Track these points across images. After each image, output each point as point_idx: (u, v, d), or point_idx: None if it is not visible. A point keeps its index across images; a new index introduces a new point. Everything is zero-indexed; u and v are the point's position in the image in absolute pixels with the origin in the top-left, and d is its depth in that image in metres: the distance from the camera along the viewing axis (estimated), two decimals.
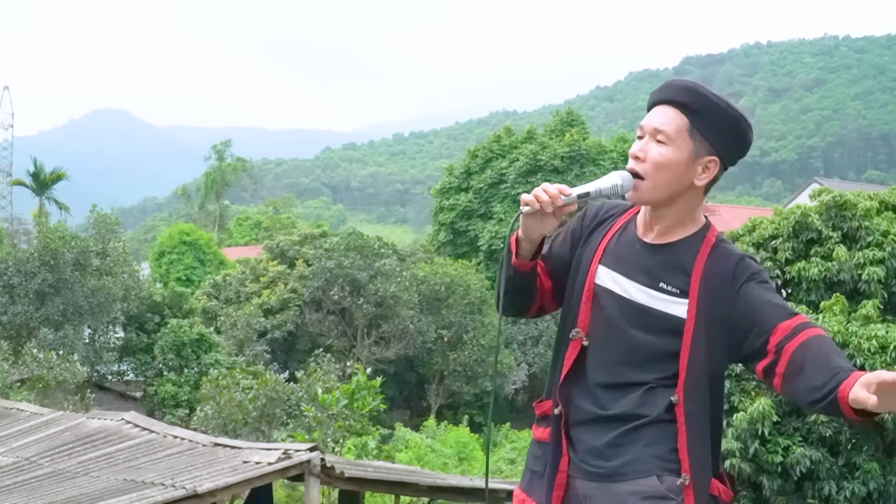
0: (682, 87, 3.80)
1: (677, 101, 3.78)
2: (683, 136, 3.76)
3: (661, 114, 3.80)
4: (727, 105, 3.80)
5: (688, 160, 3.77)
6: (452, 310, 45.81)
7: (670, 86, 3.84)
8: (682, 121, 3.76)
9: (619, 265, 3.87)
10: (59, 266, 38.13)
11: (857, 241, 18.72)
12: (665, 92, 3.83)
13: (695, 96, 3.77)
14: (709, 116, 3.77)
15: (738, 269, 3.79)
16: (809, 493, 17.18)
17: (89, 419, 19.62)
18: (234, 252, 73.01)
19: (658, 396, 3.76)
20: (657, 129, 3.77)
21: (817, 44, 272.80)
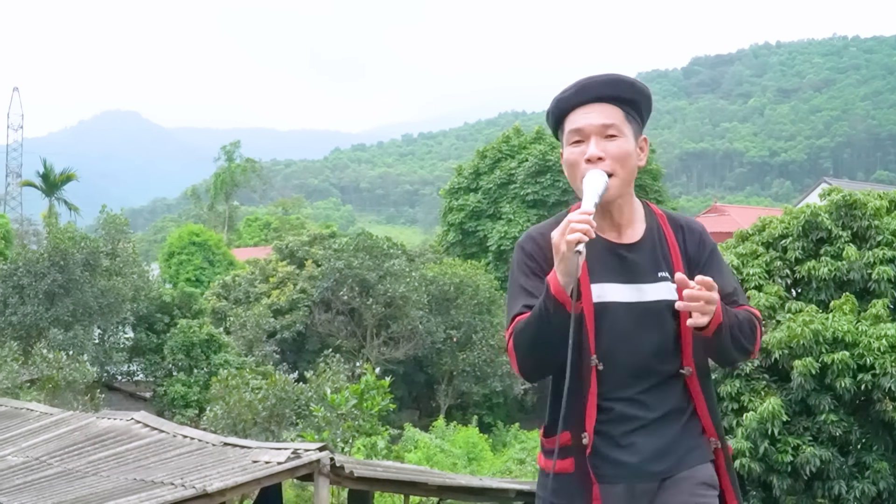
0: (608, 82, 3.88)
1: (607, 95, 3.86)
2: (625, 125, 3.86)
3: (598, 111, 3.84)
4: (641, 84, 3.95)
5: (634, 146, 3.88)
6: (461, 310, 45.80)
7: (593, 84, 3.88)
8: (618, 111, 3.86)
9: (615, 276, 3.86)
10: (68, 266, 38.19)
11: (867, 240, 18.71)
12: (591, 91, 3.87)
13: (623, 86, 3.88)
14: (635, 99, 3.91)
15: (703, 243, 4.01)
16: (819, 492, 17.16)
17: (99, 419, 19.64)
18: (244, 253, 73.05)
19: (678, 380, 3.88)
20: (605, 125, 3.82)
21: (826, 44, 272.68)
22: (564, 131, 3.91)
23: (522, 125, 65.87)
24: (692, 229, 4.03)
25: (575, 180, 3.87)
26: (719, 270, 3.93)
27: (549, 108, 3.97)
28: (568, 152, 3.87)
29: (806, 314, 17.30)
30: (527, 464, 33.72)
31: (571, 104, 3.88)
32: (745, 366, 17.75)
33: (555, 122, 3.98)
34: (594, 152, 3.78)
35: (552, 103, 3.95)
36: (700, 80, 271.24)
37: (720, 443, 3.90)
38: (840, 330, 16.86)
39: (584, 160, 3.80)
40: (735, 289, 3.96)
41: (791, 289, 19.04)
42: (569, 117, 3.89)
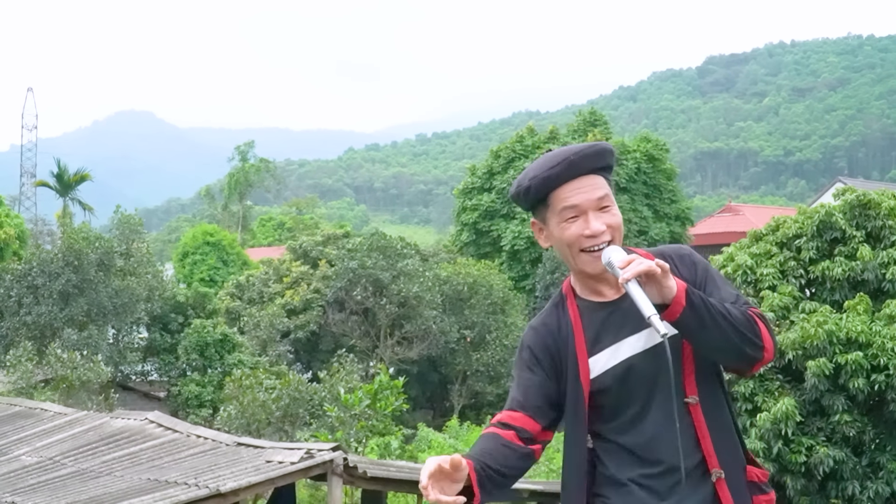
0: (596, 154, 3.82)
1: (599, 167, 3.83)
2: (610, 193, 3.85)
3: (590, 185, 3.80)
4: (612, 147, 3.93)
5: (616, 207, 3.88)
6: (475, 310, 45.78)
7: (581, 159, 3.79)
8: (604, 180, 3.84)
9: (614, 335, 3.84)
10: (83, 266, 38.25)
11: (881, 240, 18.66)
12: (580, 167, 3.79)
13: (607, 156, 3.86)
14: (612, 165, 3.89)
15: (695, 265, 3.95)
16: (833, 493, 17.14)
17: (113, 419, 19.69)
18: (258, 252, 73.17)
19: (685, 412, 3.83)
20: (600, 199, 3.79)
21: (841, 43, 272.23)
22: (552, 208, 3.84)
23: (536, 125, 65.82)
24: (681, 255, 3.98)
25: (572, 254, 3.84)
26: (716, 286, 3.90)
27: (529, 185, 3.84)
28: (563, 229, 3.81)
29: (820, 314, 17.27)
30: (540, 463, 33.67)
31: (561, 180, 3.79)
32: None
33: (536, 199, 3.87)
34: (598, 227, 3.76)
35: (533, 181, 3.83)
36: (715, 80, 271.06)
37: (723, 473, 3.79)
38: (854, 330, 16.82)
39: (586, 236, 3.76)
40: (737, 296, 3.89)
41: (805, 289, 19.00)
42: (556, 194, 3.81)
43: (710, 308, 3.64)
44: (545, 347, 3.91)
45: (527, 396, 3.90)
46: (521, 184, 3.87)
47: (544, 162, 3.82)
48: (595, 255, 3.76)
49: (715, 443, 3.80)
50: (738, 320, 3.69)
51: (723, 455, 3.82)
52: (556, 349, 3.89)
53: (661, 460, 3.77)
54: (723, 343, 3.70)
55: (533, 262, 53.36)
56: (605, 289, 3.86)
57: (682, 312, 3.60)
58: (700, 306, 3.62)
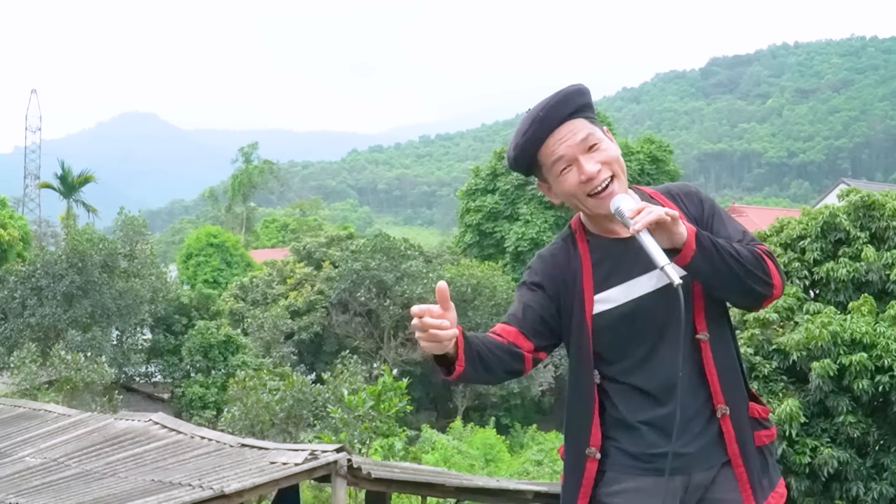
0: (561, 101, 3.83)
1: (566, 114, 3.82)
2: (595, 129, 3.86)
3: (570, 130, 3.81)
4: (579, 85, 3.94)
5: (609, 141, 3.90)
6: (479, 311, 45.77)
7: (549, 111, 3.82)
8: (583, 121, 3.84)
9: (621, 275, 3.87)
10: (86, 268, 38.29)
11: (885, 241, 18.65)
12: (551, 119, 3.81)
13: (573, 97, 3.85)
14: (586, 103, 3.89)
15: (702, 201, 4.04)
16: (837, 494, 17.13)
17: (117, 420, 19.68)
18: (261, 254, 73.17)
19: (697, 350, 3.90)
20: (583, 140, 3.80)
21: (844, 44, 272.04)
22: (544, 166, 3.87)
23: None
24: (688, 193, 4.05)
25: (581, 203, 3.87)
26: (723, 223, 3.98)
27: (514, 154, 3.90)
28: (563, 182, 3.84)
29: (824, 315, 17.26)
30: (544, 465, 33.69)
31: (539, 139, 3.82)
32: (763, 367, 17.73)
33: (527, 163, 3.92)
34: (590, 168, 3.78)
35: (516, 150, 3.89)
36: (718, 81, 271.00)
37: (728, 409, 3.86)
38: (858, 331, 16.81)
39: (583, 181, 3.79)
40: (744, 233, 3.96)
41: (809, 290, 19.00)
42: (542, 151, 3.84)
43: (720, 250, 3.69)
44: (551, 277, 3.95)
45: (524, 314, 3.92)
46: (508, 155, 3.94)
47: (520, 127, 3.87)
48: (601, 195, 3.79)
49: (721, 380, 3.87)
50: (748, 259, 3.75)
51: (728, 392, 3.89)
52: (562, 280, 3.93)
53: (672, 400, 3.80)
54: (734, 283, 3.75)
55: None
56: (617, 227, 3.88)
57: (693, 257, 3.64)
58: (710, 249, 3.67)
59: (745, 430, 3.92)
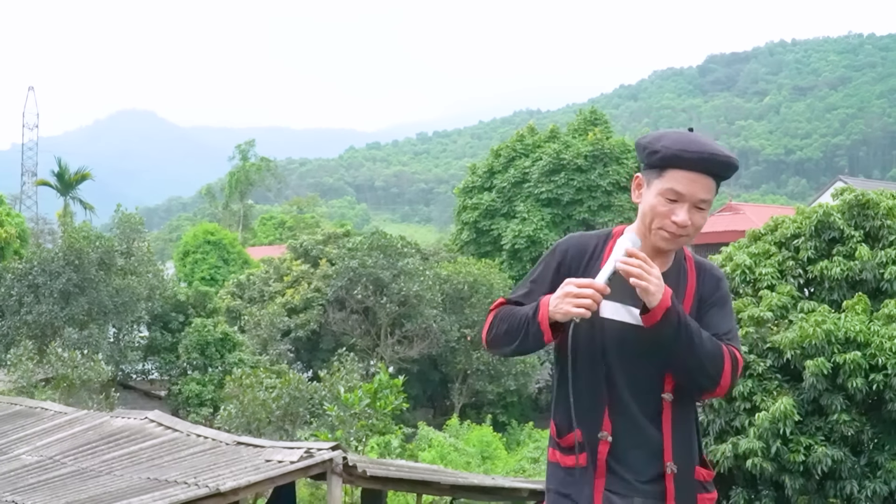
0: (726, 164, 4.03)
1: (715, 173, 4.03)
2: (712, 199, 4.10)
3: (703, 185, 4.01)
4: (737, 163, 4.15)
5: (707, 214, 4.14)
6: (476, 309, 45.82)
7: (714, 161, 3.99)
8: (714, 186, 4.07)
9: (625, 297, 4.05)
10: (83, 266, 38.26)
11: (879, 240, 18.67)
12: (710, 166, 3.99)
13: (731, 169, 4.07)
14: (727, 177, 4.13)
15: (719, 287, 4.27)
16: (831, 492, 17.15)
17: (113, 418, 19.70)
18: (259, 251, 73.16)
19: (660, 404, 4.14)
20: (702, 200, 4.02)
21: (842, 42, 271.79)
22: (663, 179, 4.02)
23: (537, 124, 65.93)
24: (713, 274, 4.28)
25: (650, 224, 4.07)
26: (722, 309, 4.21)
27: (658, 150, 4.04)
28: (659, 202, 4.02)
29: (818, 314, 17.29)
30: (540, 462, 33.68)
31: (686, 165, 3.98)
32: (757, 366, 17.76)
33: (656, 164, 4.05)
34: (685, 220, 4.01)
35: (665, 151, 4.02)
36: (715, 78, 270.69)
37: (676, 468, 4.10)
38: (852, 330, 16.84)
39: (672, 221, 4.01)
40: (731, 330, 4.17)
41: (803, 288, 19.02)
42: (674, 173, 4.00)
43: (684, 331, 3.92)
44: (576, 258, 4.21)
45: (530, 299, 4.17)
46: (652, 144, 4.07)
47: (684, 142, 4.02)
48: (666, 238, 4.05)
49: (674, 440, 4.10)
50: (707, 352, 3.97)
51: (679, 452, 4.11)
52: (577, 267, 4.16)
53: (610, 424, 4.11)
54: (682, 365, 3.98)
55: (533, 261, 53.20)
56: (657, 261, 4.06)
57: (655, 325, 3.88)
58: (674, 325, 3.90)
59: (688, 491, 4.14)
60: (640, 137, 4.16)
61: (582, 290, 3.82)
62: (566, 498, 4.15)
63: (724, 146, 4.13)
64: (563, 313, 3.86)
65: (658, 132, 4.12)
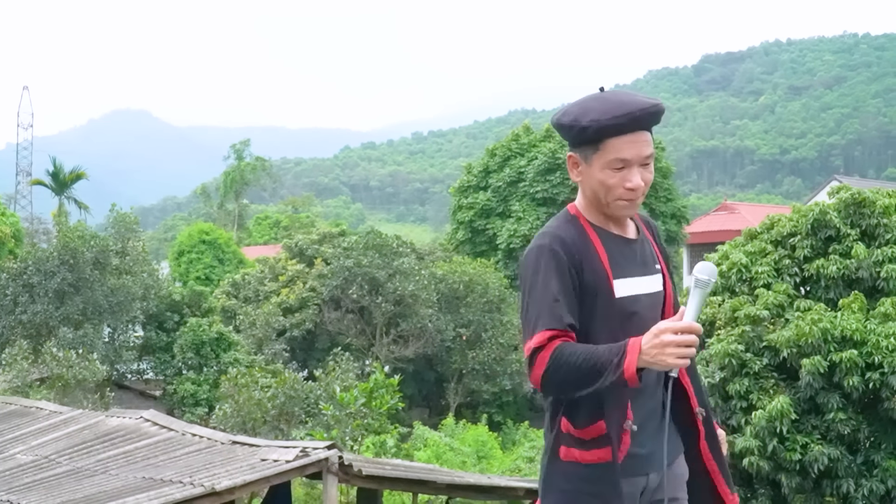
0: (656, 113, 3.95)
1: (653, 123, 3.98)
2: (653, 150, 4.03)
3: (643, 141, 3.93)
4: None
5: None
6: (471, 308, 45.79)
7: (644, 116, 3.90)
8: (650, 137, 4.00)
9: (633, 269, 4.04)
10: (78, 265, 38.21)
11: (875, 238, 18.70)
12: (641, 123, 3.91)
13: (661, 115, 4.00)
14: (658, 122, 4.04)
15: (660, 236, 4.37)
16: (828, 490, 17.15)
17: (108, 417, 19.68)
18: (254, 251, 73.11)
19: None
20: (647, 155, 3.95)
21: (837, 41, 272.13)
22: (602, 152, 3.91)
23: (532, 123, 65.83)
24: (654, 225, 4.37)
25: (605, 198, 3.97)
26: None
27: (587, 126, 3.89)
28: (606, 175, 3.91)
29: (814, 312, 17.30)
30: (536, 462, 33.66)
31: (620, 131, 3.88)
32: (753, 364, 17.76)
33: (588, 140, 3.93)
34: (639, 183, 3.93)
35: (593, 124, 3.89)
36: (711, 78, 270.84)
37: (704, 412, 4.17)
38: (848, 328, 16.85)
39: (627, 188, 3.92)
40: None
41: (800, 287, 19.04)
42: (611, 142, 3.89)
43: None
44: (571, 255, 3.96)
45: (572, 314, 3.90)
46: (577, 121, 3.94)
47: (607, 108, 3.90)
48: (626, 204, 3.95)
49: (694, 388, 4.17)
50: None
51: (700, 398, 4.18)
52: (578, 261, 3.96)
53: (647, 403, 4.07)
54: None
55: None
56: (613, 224, 4.09)
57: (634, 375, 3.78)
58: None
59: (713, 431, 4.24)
60: (558, 116, 4.04)
61: (685, 338, 3.62)
62: (595, 497, 3.95)
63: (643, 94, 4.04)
64: (665, 365, 3.66)
65: (574, 107, 3.99)
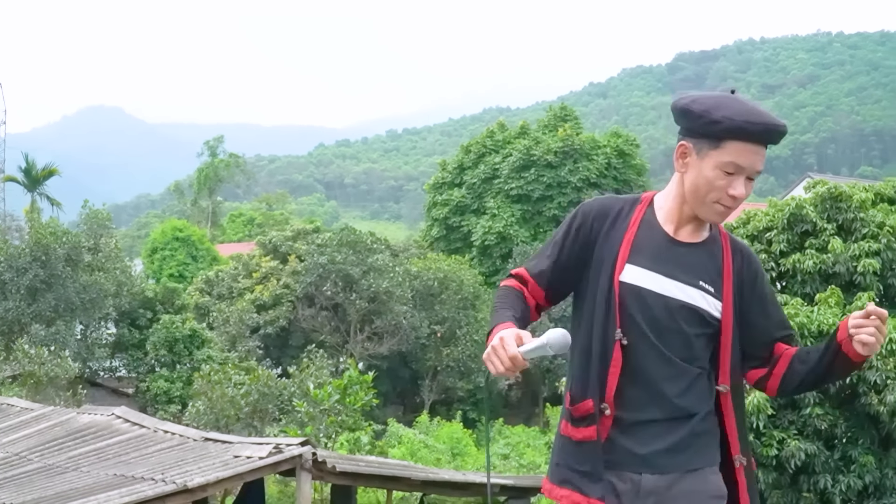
0: (784, 134, 3.92)
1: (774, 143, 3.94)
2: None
3: (761, 157, 3.88)
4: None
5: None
6: (446, 305, 45.76)
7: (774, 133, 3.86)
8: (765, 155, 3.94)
9: (656, 264, 3.94)
10: (50, 262, 38.00)
11: (852, 232, 18.67)
12: (769, 137, 3.86)
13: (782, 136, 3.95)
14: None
15: (758, 273, 4.12)
16: (805, 486, 17.08)
17: (80, 414, 19.55)
18: (228, 248, 72.88)
19: (706, 387, 3.98)
20: (758, 171, 3.90)
21: (811, 40, 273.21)
22: (721, 151, 3.85)
23: (507, 121, 65.90)
24: (751, 258, 4.14)
25: (702, 197, 3.92)
26: (775, 301, 4.15)
27: (719, 121, 3.83)
28: (716, 175, 3.85)
29: (791, 307, 17.22)
30: (511, 459, 33.67)
31: (748, 137, 3.81)
32: None
33: (712, 134, 3.87)
34: (743, 194, 3.87)
35: (727, 121, 3.82)
36: (684, 76, 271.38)
37: (745, 461, 4.03)
38: (825, 323, 16.79)
39: (729, 195, 3.87)
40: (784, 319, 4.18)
41: (776, 282, 18.98)
42: (735, 144, 3.82)
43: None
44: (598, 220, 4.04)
45: (552, 269, 4.07)
46: (709, 112, 3.88)
47: (744, 110, 3.85)
48: (724, 211, 3.92)
49: (740, 433, 4.03)
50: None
51: (743, 446, 4.04)
52: (598, 230, 4.03)
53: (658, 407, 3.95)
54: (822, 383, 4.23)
55: (503, 258, 53.39)
56: (685, 230, 4.02)
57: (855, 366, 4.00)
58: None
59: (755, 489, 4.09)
60: (686, 101, 4.00)
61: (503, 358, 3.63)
62: (577, 473, 3.97)
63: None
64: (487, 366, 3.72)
65: (706, 98, 3.95)
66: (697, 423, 3.91)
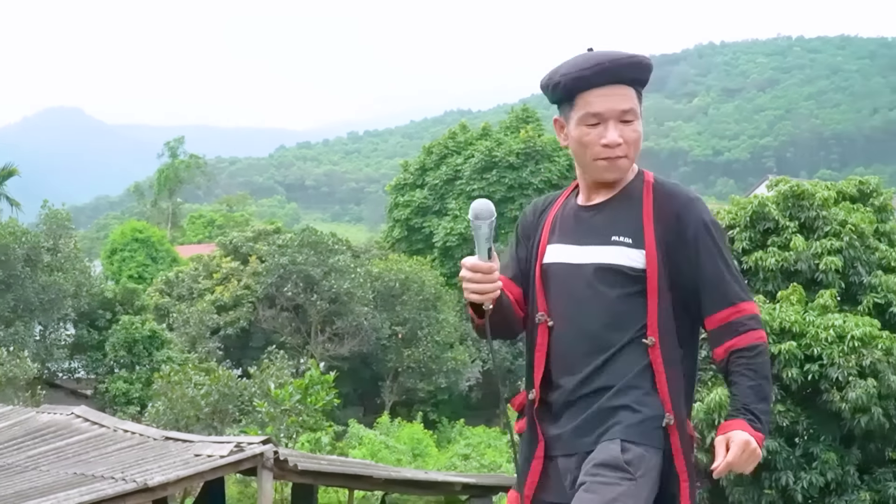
0: (631, 65, 3.81)
1: (632, 78, 3.82)
2: (637, 107, 3.84)
3: (619, 95, 3.78)
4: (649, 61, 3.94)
5: (640, 124, 3.86)
6: (407, 306, 45.70)
7: (615, 67, 3.77)
8: (634, 93, 3.83)
9: (566, 237, 3.88)
10: (9, 262, 37.73)
11: (814, 230, 18.76)
12: (612, 74, 3.78)
13: (644, 69, 3.86)
14: (646, 79, 3.90)
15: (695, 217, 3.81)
16: (767, 483, 17.14)
17: (39, 414, 19.42)
18: (188, 250, 72.52)
19: (636, 354, 3.76)
20: (624, 111, 3.78)
21: (771, 44, 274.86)
22: (576, 109, 3.84)
23: (469, 124, 65.86)
24: (683, 201, 3.85)
25: (584, 159, 3.86)
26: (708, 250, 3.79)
27: (559, 81, 3.86)
28: (582, 132, 3.82)
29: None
30: (471, 459, 33.66)
31: (590, 84, 3.78)
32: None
33: (563, 97, 3.88)
34: (615, 139, 3.77)
35: (564, 78, 3.84)
36: None
37: (674, 419, 3.73)
38: (787, 320, 16.86)
39: (602, 145, 3.77)
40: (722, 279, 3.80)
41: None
42: (583, 96, 3.81)
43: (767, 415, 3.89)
44: (528, 223, 4.12)
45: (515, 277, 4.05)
46: (551, 78, 3.90)
47: (578, 62, 3.83)
48: (607, 165, 3.81)
49: (670, 388, 3.76)
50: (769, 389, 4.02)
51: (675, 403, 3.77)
52: (532, 225, 4.08)
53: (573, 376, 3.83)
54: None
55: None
56: (596, 194, 3.91)
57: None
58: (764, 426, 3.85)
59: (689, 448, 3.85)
60: (541, 80, 3.99)
61: (473, 276, 3.68)
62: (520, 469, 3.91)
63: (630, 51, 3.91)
64: (471, 301, 3.76)
65: (555, 67, 3.93)
66: (611, 397, 3.69)
